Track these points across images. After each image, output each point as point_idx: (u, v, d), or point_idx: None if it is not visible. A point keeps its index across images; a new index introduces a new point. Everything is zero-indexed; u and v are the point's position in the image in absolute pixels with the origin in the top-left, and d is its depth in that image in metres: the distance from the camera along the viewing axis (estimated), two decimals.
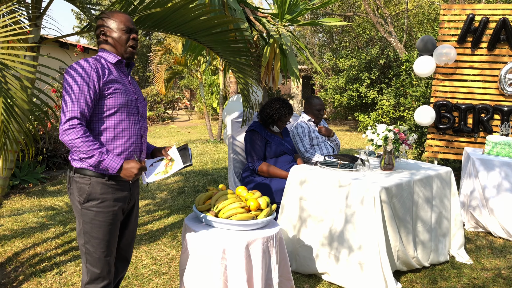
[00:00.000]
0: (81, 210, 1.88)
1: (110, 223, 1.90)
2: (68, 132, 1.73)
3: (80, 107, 1.76)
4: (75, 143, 1.73)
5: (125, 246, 2.12)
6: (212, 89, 15.23)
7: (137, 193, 2.10)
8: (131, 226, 2.11)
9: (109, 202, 1.89)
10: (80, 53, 7.39)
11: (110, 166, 1.79)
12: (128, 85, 1.97)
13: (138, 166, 1.83)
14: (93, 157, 1.76)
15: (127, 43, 1.93)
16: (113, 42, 1.91)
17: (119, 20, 1.91)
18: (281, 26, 4.17)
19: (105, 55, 1.92)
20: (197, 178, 6.03)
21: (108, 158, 1.78)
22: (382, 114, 11.47)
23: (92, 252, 1.89)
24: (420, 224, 3.05)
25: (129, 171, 1.81)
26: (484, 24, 5.11)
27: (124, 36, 1.92)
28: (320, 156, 3.74)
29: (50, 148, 6.15)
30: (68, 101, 1.75)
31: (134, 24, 1.98)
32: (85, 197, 1.86)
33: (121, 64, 1.96)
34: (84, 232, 1.89)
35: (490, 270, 3.17)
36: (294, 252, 3.04)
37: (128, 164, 1.81)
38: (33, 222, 4.04)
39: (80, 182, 1.86)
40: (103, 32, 1.92)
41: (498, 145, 4.17)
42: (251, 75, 3.53)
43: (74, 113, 1.74)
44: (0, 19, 2.22)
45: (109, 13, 1.94)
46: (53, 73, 9.67)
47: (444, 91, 5.41)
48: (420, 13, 14.22)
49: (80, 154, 1.76)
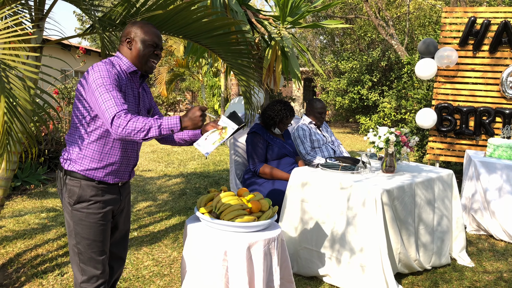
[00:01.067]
0: (71, 212, 1.89)
1: (101, 223, 1.91)
2: (117, 122, 1.67)
3: (120, 100, 1.72)
4: (129, 127, 1.66)
5: (117, 245, 2.13)
6: (213, 91, 15.24)
7: (127, 194, 2.10)
8: (122, 227, 2.12)
9: (99, 204, 1.90)
10: (82, 55, 7.41)
11: (171, 125, 1.71)
12: (135, 97, 1.96)
13: (197, 107, 1.76)
14: (150, 128, 1.68)
15: (148, 58, 1.91)
16: (135, 53, 1.89)
17: (149, 34, 1.89)
18: (283, 28, 4.18)
19: (122, 62, 1.90)
20: (198, 180, 6.04)
21: (164, 120, 1.71)
22: (383, 116, 11.47)
23: (84, 252, 1.90)
24: (421, 227, 3.04)
25: (193, 116, 1.73)
26: (485, 27, 5.11)
27: (148, 50, 1.89)
28: (321, 159, 3.74)
29: (52, 149, 6.16)
30: (108, 98, 1.71)
31: (161, 41, 1.96)
32: (75, 199, 1.87)
33: (135, 74, 1.95)
34: (75, 233, 1.90)
35: (492, 273, 3.17)
36: (295, 254, 3.04)
37: (187, 114, 1.74)
38: (35, 223, 4.05)
39: (70, 184, 1.87)
40: (129, 40, 1.90)
41: (499, 147, 4.17)
42: (252, 77, 3.54)
43: (119, 107, 1.70)
44: (4, 21, 2.23)
45: (141, 23, 1.92)
46: (56, 74, 9.70)
47: (446, 93, 5.41)
48: (421, 15, 14.23)
49: (141, 134, 1.68)
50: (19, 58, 1.98)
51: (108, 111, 1.69)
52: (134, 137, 1.68)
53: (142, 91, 2.03)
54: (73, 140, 1.88)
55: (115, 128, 1.67)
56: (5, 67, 1.92)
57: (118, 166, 1.93)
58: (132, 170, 2.04)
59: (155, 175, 6.34)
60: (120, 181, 1.97)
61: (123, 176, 1.98)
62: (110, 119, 1.68)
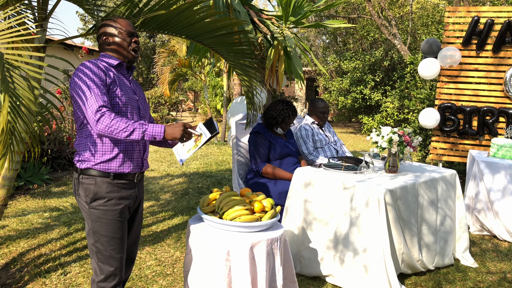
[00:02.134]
0: (88, 210, 1.91)
1: (118, 220, 1.93)
2: (101, 120, 1.72)
3: (102, 98, 1.77)
4: (112, 125, 1.72)
5: (130, 245, 2.14)
6: (216, 91, 15.26)
7: (142, 192, 2.12)
8: (136, 225, 2.13)
9: (115, 200, 1.91)
10: (85, 55, 7.43)
11: (155, 132, 1.76)
12: (130, 87, 1.99)
13: (181, 123, 1.82)
14: (134, 131, 1.73)
15: (129, 47, 1.97)
16: (115, 47, 1.96)
17: (120, 25, 1.96)
18: (286, 28, 4.18)
19: (106, 59, 1.96)
20: (201, 180, 6.04)
21: (149, 127, 1.76)
22: (386, 116, 11.45)
23: (103, 250, 1.92)
24: (425, 227, 3.03)
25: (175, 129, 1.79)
26: (489, 26, 5.09)
27: (125, 41, 1.96)
28: (324, 159, 3.73)
29: (55, 149, 6.18)
30: (89, 96, 1.76)
31: (134, 28, 2.02)
32: (91, 197, 1.89)
33: (121, 67, 1.99)
34: (93, 231, 1.92)
35: (495, 274, 3.15)
36: (298, 254, 3.04)
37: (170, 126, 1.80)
38: (38, 222, 4.06)
39: (86, 182, 1.89)
40: (105, 38, 1.96)
41: (503, 147, 4.15)
42: (255, 77, 3.54)
43: (100, 103, 1.75)
44: (7, 21, 2.24)
45: (110, 19, 1.98)
46: (58, 74, 9.72)
47: (449, 93, 5.40)
48: (424, 15, 14.19)
49: (122, 133, 1.73)
50: (23, 58, 1.99)
51: (90, 108, 1.74)
52: (116, 135, 1.74)
53: (134, 84, 2.07)
54: (82, 141, 1.91)
55: (97, 124, 1.72)
56: (9, 67, 1.93)
57: (130, 153, 1.94)
58: (144, 157, 2.05)
59: (157, 175, 6.35)
60: (135, 171, 1.98)
61: (137, 163, 1.99)
62: (93, 115, 1.73)
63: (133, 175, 1.99)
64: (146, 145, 2.05)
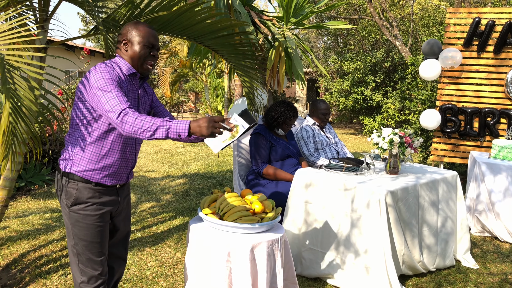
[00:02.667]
0: (69, 213, 1.89)
1: (98, 225, 1.91)
2: (124, 119, 1.66)
3: (123, 98, 1.72)
4: (136, 124, 1.65)
5: (117, 246, 2.13)
6: (217, 92, 15.25)
7: (126, 196, 2.09)
8: (122, 226, 2.11)
9: (96, 205, 1.89)
10: (86, 56, 7.45)
11: (179, 129, 1.68)
12: (135, 99, 1.96)
13: (210, 119, 1.71)
14: (158, 129, 1.66)
15: (145, 59, 1.91)
16: (131, 54, 1.89)
17: (143, 34, 1.88)
18: (286, 29, 4.18)
19: (121, 64, 1.90)
20: (202, 181, 6.04)
21: (174, 124, 1.68)
22: (387, 117, 11.44)
23: (82, 253, 1.91)
24: (425, 228, 3.03)
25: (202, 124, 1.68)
26: (490, 27, 5.09)
27: (144, 51, 1.89)
28: (325, 160, 3.73)
29: (56, 150, 6.19)
30: (111, 97, 1.71)
31: (157, 41, 1.94)
32: (72, 200, 1.87)
33: (134, 76, 1.94)
34: (73, 234, 1.90)
35: (496, 275, 3.15)
36: (299, 255, 3.03)
37: (196, 121, 1.70)
38: (39, 223, 4.06)
39: (68, 186, 1.88)
40: (125, 42, 1.90)
41: (504, 149, 4.14)
42: (256, 78, 3.54)
43: (123, 105, 1.69)
44: (8, 22, 2.24)
45: (136, 24, 1.91)
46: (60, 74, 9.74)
47: (450, 94, 5.39)
48: (425, 16, 14.19)
49: (146, 133, 1.66)
50: (24, 59, 1.99)
51: (113, 110, 1.69)
52: (140, 135, 1.67)
53: (143, 92, 2.03)
54: (73, 140, 1.88)
55: (122, 124, 1.67)
56: (10, 68, 1.93)
57: (115, 168, 1.93)
58: (131, 172, 2.04)
59: (158, 176, 6.35)
60: (117, 183, 1.97)
61: (120, 178, 1.97)
62: (116, 117, 1.67)
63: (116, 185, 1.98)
64: (135, 158, 2.03)
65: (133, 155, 2.00)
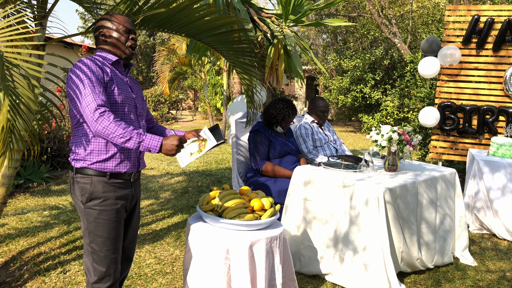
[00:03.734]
0: (84, 210, 1.89)
1: (114, 220, 1.91)
2: (100, 120, 1.69)
3: (100, 96, 1.75)
4: (110, 128, 1.69)
5: (128, 245, 2.13)
6: (216, 89, 15.25)
7: (139, 191, 2.10)
8: (134, 225, 2.12)
9: (111, 200, 1.90)
10: (85, 53, 7.43)
11: (151, 145, 1.73)
12: (127, 85, 1.98)
13: (177, 137, 1.77)
14: (131, 139, 1.71)
15: (126, 44, 1.95)
16: (112, 43, 1.93)
17: (117, 21, 1.93)
18: (285, 26, 4.17)
19: (103, 55, 1.94)
20: (200, 178, 6.04)
21: (147, 138, 1.73)
22: (386, 115, 11.44)
23: (98, 251, 1.90)
24: (424, 226, 3.04)
25: (170, 145, 1.75)
26: (489, 25, 5.09)
27: (123, 36, 1.93)
28: (323, 157, 3.73)
29: (54, 147, 6.18)
30: (88, 93, 1.73)
31: (132, 25, 1.99)
32: (87, 196, 1.87)
33: (119, 64, 1.97)
34: (88, 231, 1.90)
35: (495, 272, 3.16)
36: (297, 252, 3.04)
37: (167, 140, 1.75)
38: (38, 221, 4.06)
39: (82, 182, 1.87)
40: (102, 33, 1.93)
41: (503, 146, 4.15)
42: (255, 75, 3.54)
43: (98, 102, 1.72)
44: (6, 19, 2.23)
45: (108, 14, 1.96)
46: (58, 72, 9.72)
47: (449, 92, 5.40)
48: (424, 14, 14.18)
49: (118, 138, 1.70)
50: (22, 56, 1.98)
51: (88, 106, 1.72)
52: (111, 139, 1.72)
53: (131, 81, 2.06)
54: (77, 140, 1.89)
55: (96, 124, 1.70)
56: (8, 65, 1.92)
57: (127, 152, 1.92)
58: (141, 157, 2.03)
59: (157, 173, 6.35)
60: (132, 171, 1.96)
61: (133, 163, 1.97)
62: (91, 114, 1.70)
63: (130, 175, 1.97)
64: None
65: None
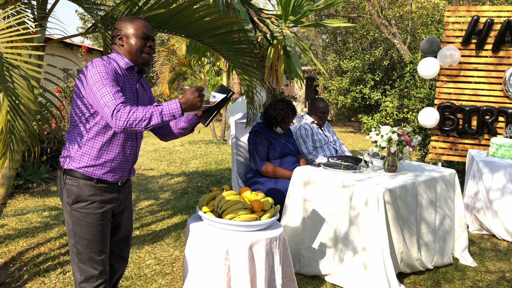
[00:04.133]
0: (70, 211, 1.88)
1: (99, 224, 1.89)
2: (118, 115, 1.66)
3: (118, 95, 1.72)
4: (130, 117, 1.66)
5: (119, 245, 2.11)
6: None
7: (128, 193, 2.08)
8: (124, 226, 2.10)
9: (97, 203, 1.88)
10: (84, 53, 7.43)
11: (171, 110, 1.70)
12: (133, 93, 1.95)
13: (193, 89, 1.74)
14: (152, 115, 1.68)
15: (142, 51, 1.91)
16: (128, 48, 1.89)
17: (137, 26, 1.89)
18: (285, 27, 4.18)
19: (118, 59, 1.90)
20: (200, 179, 6.04)
21: (165, 106, 1.69)
22: (385, 115, 11.45)
23: (83, 252, 1.89)
24: (424, 226, 3.04)
25: (191, 99, 1.72)
26: (488, 26, 5.09)
27: (140, 43, 1.89)
28: (323, 158, 3.73)
29: (54, 148, 6.18)
30: (106, 93, 1.71)
31: (152, 32, 1.95)
32: (73, 198, 1.86)
33: (132, 70, 1.94)
34: (74, 232, 1.89)
35: (494, 273, 3.16)
36: (297, 253, 3.04)
37: (185, 97, 1.72)
38: (37, 221, 4.06)
39: (69, 183, 1.86)
40: (120, 36, 1.90)
41: (502, 147, 4.15)
42: (255, 76, 3.54)
43: (117, 101, 1.69)
44: (6, 20, 2.23)
45: (129, 18, 1.92)
46: (58, 72, 9.72)
47: (448, 93, 5.40)
48: (424, 14, 14.19)
49: (141, 123, 1.67)
50: (22, 57, 1.98)
51: (107, 106, 1.69)
52: (136, 127, 1.67)
53: (140, 87, 2.03)
54: (72, 137, 1.88)
55: (116, 121, 1.66)
56: (8, 66, 1.92)
57: (117, 163, 1.91)
58: (132, 167, 2.02)
59: (157, 174, 6.35)
60: (119, 180, 1.96)
61: (122, 173, 1.96)
62: (110, 113, 1.67)
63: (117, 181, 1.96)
64: (136, 153, 2.01)
65: (134, 149, 1.98)
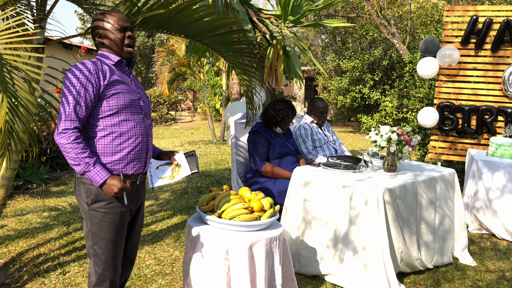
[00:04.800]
0: (88, 212, 1.87)
1: (118, 224, 1.90)
2: (60, 135, 1.74)
3: (76, 110, 1.76)
4: (65, 148, 1.73)
5: (130, 247, 2.12)
6: (215, 90, 15.25)
7: (143, 194, 2.09)
8: (137, 227, 2.11)
9: (116, 203, 1.88)
10: (84, 54, 7.42)
11: (93, 179, 1.76)
12: (131, 85, 1.96)
13: (120, 185, 1.79)
14: (79, 165, 1.74)
15: (123, 42, 1.91)
16: (109, 43, 1.90)
17: (112, 20, 1.89)
18: (284, 27, 4.18)
19: (105, 56, 1.91)
20: (200, 179, 6.04)
21: (93, 171, 1.75)
22: (385, 115, 11.45)
23: (100, 253, 1.89)
24: (423, 226, 3.04)
25: (110, 187, 1.78)
26: (487, 25, 5.09)
27: (119, 35, 1.89)
28: (323, 158, 3.73)
29: (53, 148, 6.17)
30: (66, 104, 1.75)
31: (128, 22, 1.94)
32: (92, 198, 1.85)
33: (121, 64, 1.94)
34: (92, 233, 1.88)
35: (494, 272, 3.16)
36: (297, 253, 3.04)
37: (112, 181, 1.78)
38: (37, 222, 4.06)
39: (88, 183, 1.85)
40: (99, 34, 1.90)
41: (502, 146, 4.16)
42: (254, 76, 3.54)
43: (71, 116, 1.75)
44: (6, 21, 2.23)
45: (102, 14, 1.92)
46: (57, 74, 9.73)
47: (448, 92, 5.40)
48: (423, 14, 14.20)
49: (68, 160, 1.75)
50: (21, 58, 1.98)
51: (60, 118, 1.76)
52: (64, 154, 1.77)
53: (135, 81, 2.04)
54: (84, 138, 1.87)
55: (57, 136, 1.75)
56: (8, 67, 1.92)
57: (133, 155, 1.91)
58: (147, 158, 2.02)
59: None
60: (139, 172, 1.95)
61: (140, 163, 1.95)
62: (59, 126, 1.76)
63: (136, 177, 1.96)
64: (149, 145, 2.01)
65: (145, 137, 1.97)
